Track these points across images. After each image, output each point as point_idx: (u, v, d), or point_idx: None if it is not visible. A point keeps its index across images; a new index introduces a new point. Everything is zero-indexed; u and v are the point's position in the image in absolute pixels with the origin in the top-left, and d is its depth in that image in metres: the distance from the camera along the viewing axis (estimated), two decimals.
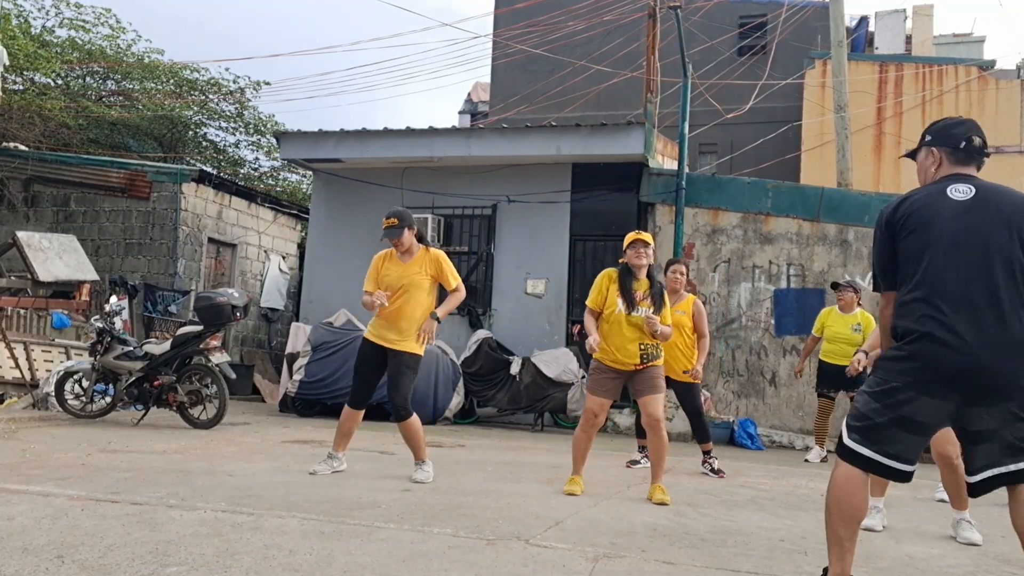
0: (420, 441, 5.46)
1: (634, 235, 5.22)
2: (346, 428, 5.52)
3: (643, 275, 5.18)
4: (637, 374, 5.12)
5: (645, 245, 5.15)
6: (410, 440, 5.45)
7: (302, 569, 3.09)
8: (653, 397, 5.09)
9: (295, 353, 10.49)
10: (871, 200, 10.35)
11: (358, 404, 5.50)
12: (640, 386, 5.13)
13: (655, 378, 5.13)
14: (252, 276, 15.11)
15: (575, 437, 5.33)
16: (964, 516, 4.31)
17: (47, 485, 4.54)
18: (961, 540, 4.21)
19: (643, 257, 5.14)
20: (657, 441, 5.10)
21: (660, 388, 5.14)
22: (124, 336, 8.53)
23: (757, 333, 10.27)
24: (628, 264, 5.18)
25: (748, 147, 17.01)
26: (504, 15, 20.48)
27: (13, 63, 16.01)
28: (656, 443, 5.11)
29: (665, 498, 4.96)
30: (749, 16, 19.57)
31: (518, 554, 3.46)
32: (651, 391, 5.10)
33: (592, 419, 5.22)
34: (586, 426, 5.25)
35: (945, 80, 17.28)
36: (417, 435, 5.43)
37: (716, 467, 6.64)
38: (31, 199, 14.11)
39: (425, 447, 5.50)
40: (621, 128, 10.79)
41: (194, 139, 22.00)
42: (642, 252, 5.14)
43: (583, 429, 5.26)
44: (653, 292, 5.14)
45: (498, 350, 10.44)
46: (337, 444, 5.55)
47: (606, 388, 5.18)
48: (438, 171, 11.57)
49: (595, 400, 5.20)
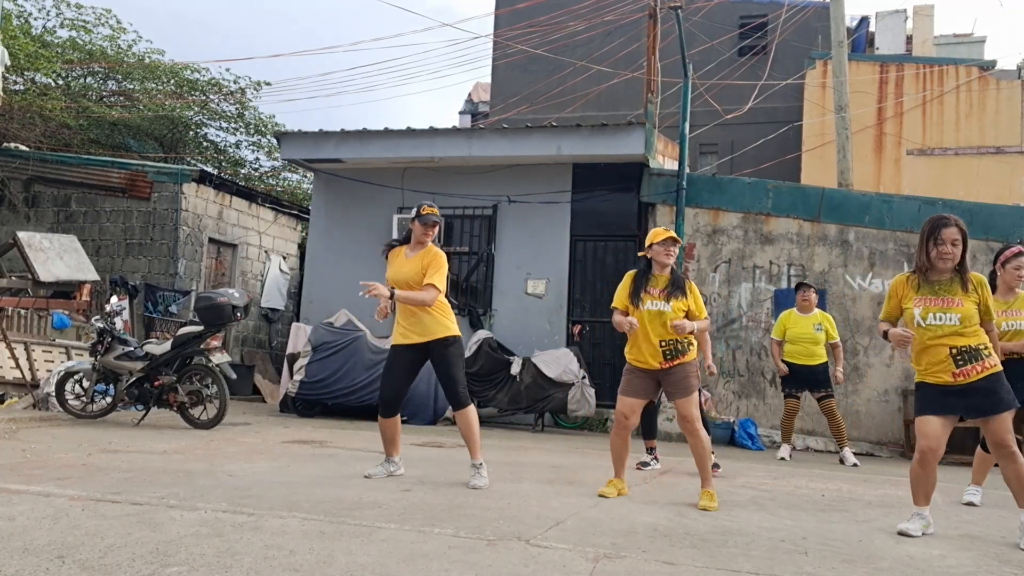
0: (476, 435, 5.27)
1: (665, 232, 5.16)
2: (389, 435, 5.41)
3: (665, 272, 5.15)
4: (666, 375, 5.04)
5: (675, 243, 5.13)
6: (467, 433, 5.27)
7: (303, 569, 3.09)
8: (686, 400, 5.00)
9: (295, 353, 10.49)
10: (872, 200, 10.36)
11: (390, 413, 5.35)
12: (671, 388, 5.06)
13: (686, 378, 5.03)
14: (253, 276, 15.11)
15: (611, 442, 5.26)
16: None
17: (48, 485, 4.54)
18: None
19: (671, 256, 5.11)
20: (694, 442, 5.01)
21: (691, 389, 5.03)
22: (125, 336, 8.53)
23: (758, 333, 10.26)
24: (652, 260, 5.14)
25: (749, 147, 17.02)
26: (504, 15, 20.48)
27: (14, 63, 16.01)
28: (694, 444, 5.02)
29: (711, 505, 4.83)
30: (749, 16, 19.56)
31: (519, 554, 3.46)
32: (682, 393, 5.01)
33: (623, 421, 5.13)
34: (618, 429, 5.17)
35: (946, 80, 17.28)
36: (473, 427, 5.26)
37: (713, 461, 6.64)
38: (32, 199, 14.12)
39: (480, 445, 5.32)
40: (622, 128, 10.79)
41: (195, 139, 22.00)
42: (672, 250, 5.12)
43: (616, 433, 5.19)
44: (673, 285, 5.09)
45: (498, 350, 10.44)
46: (388, 450, 5.46)
47: (635, 388, 5.11)
48: (439, 171, 11.57)
49: (624, 401, 5.13)
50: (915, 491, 4.36)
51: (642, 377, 5.10)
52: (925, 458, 4.21)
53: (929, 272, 4.29)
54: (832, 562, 3.64)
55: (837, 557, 3.75)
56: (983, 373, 4.14)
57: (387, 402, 5.34)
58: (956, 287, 4.24)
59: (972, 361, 4.14)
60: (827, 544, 4.02)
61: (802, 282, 8.79)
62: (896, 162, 17.40)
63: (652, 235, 5.19)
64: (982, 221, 9.63)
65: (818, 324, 8.28)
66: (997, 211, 10.01)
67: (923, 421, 4.22)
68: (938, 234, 4.22)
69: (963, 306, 4.18)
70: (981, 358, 4.15)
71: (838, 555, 3.79)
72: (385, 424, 5.39)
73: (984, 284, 4.28)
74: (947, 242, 4.20)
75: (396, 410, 5.37)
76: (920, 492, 4.33)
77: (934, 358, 4.20)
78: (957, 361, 4.15)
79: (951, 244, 4.19)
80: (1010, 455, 4.13)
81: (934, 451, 4.19)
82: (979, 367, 4.14)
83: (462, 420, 5.31)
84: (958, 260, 4.23)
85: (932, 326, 4.19)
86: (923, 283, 4.30)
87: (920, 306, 4.23)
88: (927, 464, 4.23)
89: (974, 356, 4.15)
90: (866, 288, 9.98)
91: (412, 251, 5.40)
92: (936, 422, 4.18)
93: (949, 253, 4.19)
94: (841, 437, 8.34)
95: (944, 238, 4.20)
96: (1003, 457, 4.17)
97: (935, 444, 4.19)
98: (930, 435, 4.18)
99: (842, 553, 3.83)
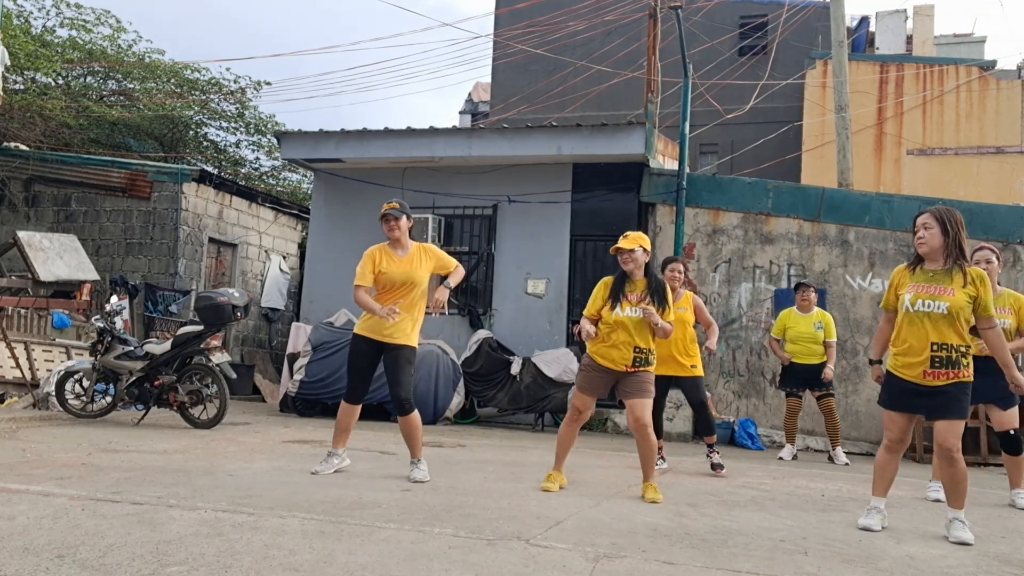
0: (419, 438, 5.46)
1: (622, 239, 5.24)
2: (344, 424, 5.52)
3: (637, 277, 5.19)
4: (627, 376, 5.13)
5: (628, 251, 5.19)
6: (410, 436, 5.44)
7: (302, 569, 3.09)
8: (642, 401, 5.09)
9: (296, 353, 10.49)
10: (872, 200, 10.36)
11: (356, 399, 5.50)
12: (629, 388, 5.13)
13: (644, 382, 5.13)
14: (253, 276, 15.11)
15: (560, 432, 5.38)
16: (959, 515, 4.31)
17: (48, 485, 4.55)
18: (953, 540, 4.20)
19: (628, 263, 5.19)
20: (644, 444, 5.13)
21: (649, 393, 5.14)
22: (125, 336, 8.53)
23: (758, 333, 10.26)
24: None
25: (749, 147, 17.01)
26: (505, 15, 20.47)
27: (14, 63, 16.02)
28: (643, 447, 5.14)
29: (657, 496, 5.01)
30: (750, 16, 19.56)
31: (518, 554, 3.46)
32: (640, 394, 5.10)
33: (577, 415, 5.29)
34: (570, 422, 5.32)
35: (946, 80, 17.27)
36: (417, 431, 5.43)
37: (716, 461, 6.66)
38: (32, 199, 14.12)
39: (421, 446, 5.51)
40: (622, 128, 10.78)
41: (195, 139, 22.00)
42: (626, 258, 5.19)
43: (567, 424, 5.33)
44: (651, 290, 5.14)
45: (499, 350, 10.44)
46: (336, 441, 5.55)
47: (594, 386, 5.22)
48: (439, 171, 11.57)
49: (582, 398, 5.26)
50: (878, 480, 4.55)
51: (603, 376, 5.19)
52: (892, 447, 4.47)
53: (922, 263, 4.39)
54: (832, 562, 3.65)
55: (837, 557, 3.75)
56: (952, 380, 4.22)
57: (355, 390, 5.49)
58: (952, 278, 4.28)
59: (947, 367, 4.21)
60: (827, 544, 4.02)
61: (801, 282, 8.80)
62: (896, 162, 17.40)
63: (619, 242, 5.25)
64: (982, 221, 9.63)
65: (818, 323, 8.29)
66: (997, 211, 10.01)
67: (889, 416, 4.45)
68: (915, 223, 4.41)
69: (954, 296, 4.22)
70: (958, 367, 4.21)
71: (838, 555, 3.79)
72: (350, 411, 5.49)
73: (985, 280, 4.30)
74: (920, 228, 4.34)
75: (362, 398, 5.53)
76: (882, 482, 4.54)
77: (913, 347, 4.26)
78: (934, 361, 4.21)
79: (923, 228, 4.32)
80: (952, 459, 4.25)
81: (901, 442, 4.46)
82: (951, 374, 4.22)
83: (405, 425, 5.42)
84: (936, 246, 4.30)
85: (919, 312, 4.26)
86: (919, 272, 4.38)
87: (911, 292, 4.31)
88: (893, 451, 4.48)
89: (950, 363, 4.21)
90: (866, 288, 9.98)
91: (399, 250, 5.49)
92: (902, 418, 4.41)
93: (922, 237, 4.31)
94: (835, 437, 8.34)
95: (917, 225, 4.37)
96: (946, 459, 4.27)
97: (901, 436, 4.45)
98: (895, 428, 4.43)
99: (842, 553, 3.84)
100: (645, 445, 5.12)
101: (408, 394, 5.36)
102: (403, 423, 5.42)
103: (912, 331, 4.28)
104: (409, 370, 5.41)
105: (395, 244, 5.50)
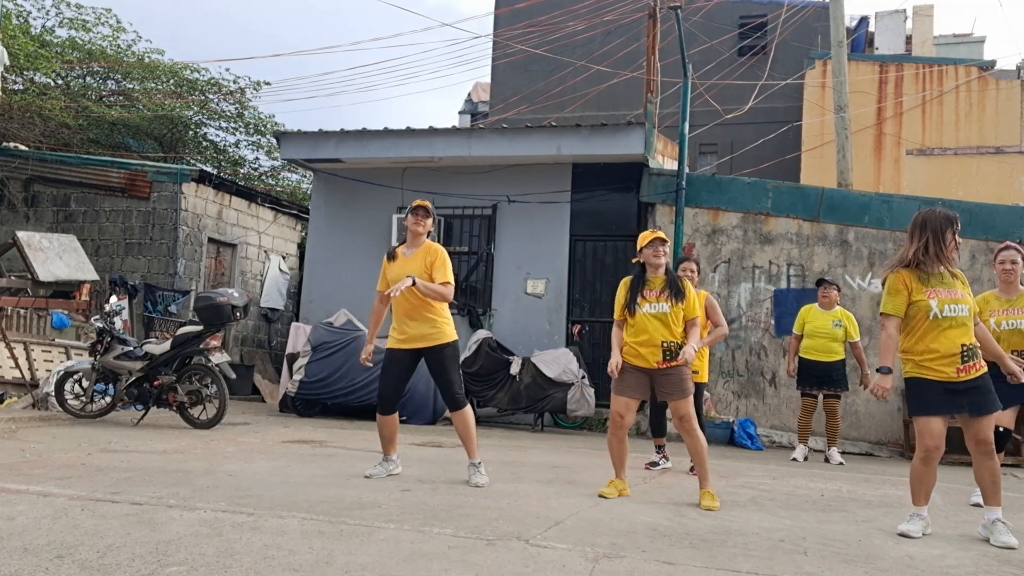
0: (473, 435, 5.36)
1: (651, 234, 5.16)
2: (387, 433, 5.46)
3: (659, 273, 5.15)
4: (662, 375, 5.03)
5: (663, 243, 5.13)
6: (464, 434, 5.35)
7: (302, 569, 3.09)
8: (683, 400, 4.99)
9: (295, 353, 10.49)
10: (871, 200, 10.36)
11: (388, 410, 5.41)
12: (667, 388, 5.03)
13: (682, 380, 5.01)
14: (252, 276, 15.10)
15: (608, 442, 5.23)
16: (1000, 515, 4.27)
17: (47, 485, 4.54)
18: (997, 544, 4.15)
19: (661, 256, 5.11)
20: (691, 442, 5.01)
21: (687, 391, 5.02)
22: (124, 336, 8.53)
23: (757, 333, 10.26)
24: (644, 263, 5.15)
25: (748, 147, 17.01)
26: (504, 15, 20.47)
27: (13, 63, 16.02)
28: (691, 444, 5.02)
29: (713, 504, 4.85)
30: (749, 16, 19.56)
31: (518, 554, 3.46)
32: (679, 394, 5.00)
33: (619, 420, 5.10)
34: (614, 428, 5.14)
35: (945, 80, 17.27)
36: (471, 427, 5.34)
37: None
38: (31, 199, 14.11)
39: (477, 445, 5.41)
40: (621, 128, 10.78)
41: (194, 139, 22.00)
42: (660, 251, 5.11)
43: (612, 432, 5.16)
44: (670, 286, 5.11)
45: (498, 350, 10.44)
46: (385, 449, 5.51)
47: (630, 386, 5.08)
48: (438, 171, 11.56)
49: (619, 400, 5.10)
50: (916, 491, 4.37)
51: (637, 376, 5.08)
52: (930, 456, 4.23)
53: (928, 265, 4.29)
54: (831, 562, 3.65)
55: (836, 557, 3.75)
56: (980, 371, 4.23)
57: (386, 399, 5.39)
58: (954, 280, 4.31)
59: (974, 358, 4.22)
60: (826, 544, 4.02)
61: (824, 278, 8.72)
62: (896, 162, 17.39)
63: (641, 239, 5.21)
64: (981, 221, 9.63)
65: (838, 320, 8.22)
66: (996, 211, 10.01)
67: (927, 421, 4.21)
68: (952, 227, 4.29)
69: (967, 298, 4.27)
70: (978, 356, 4.25)
71: (837, 555, 3.79)
72: (384, 421, 5.43)
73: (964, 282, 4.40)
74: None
75: (395, 408, 5.43)
76: (921, 492, 4.35)
77: (943, 350, 4.19)
78: (964, 357, 4.19)
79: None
80: (989, 452, 4.22)
81: (939, 449, 4.22)
82: (977, 365, 4.23)
83: (459, 421, 5.35)
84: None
85: (948, 318, 4.21)
86: (925, 276, 4.30)
87: (935, 298, 4.23)
88: (931, 462, 4.25)
89: (975, 354, 4.24)
90: (865, 288, 9.97)
91: (410, 249, 5.44)
92: (939, 422, 4.20)
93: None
94: (834, 437, 8.31)
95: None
96: (984, 454, 4.23)
97: (940, 443, 4.21)
98: (935, 434, 4.20)
99: (841, 553, 3.84)
100: (692, 441, 4.99)
101: (459, 389, 5.33)
102: (456, 419, 5.35)
103: (941, 336, 4.20)
104: (455, 367, 5.36)
105: (412, 241, 5.45)
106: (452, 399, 5.32)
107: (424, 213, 5.39)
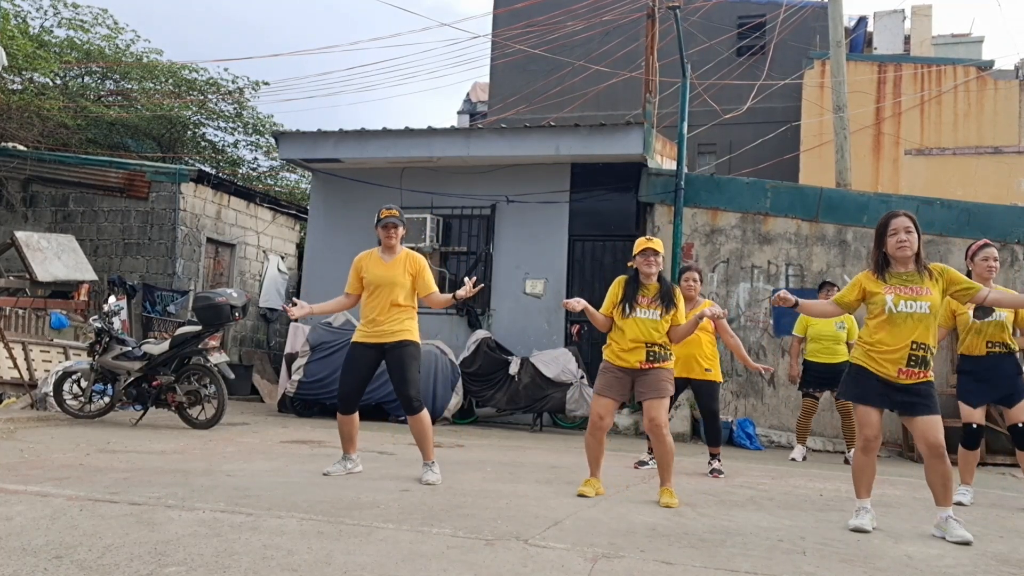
0: (430, 438, 5.41)
1: (646, 242, 5.16)
2: (347, 432, 5.49)
3: (652, 281, 5.16)
4: (643, 375, 5.06)
5: (655, 254, 5.12)
6: (420, 437, 5.39)
7: (301, 569, 3.09)
8: (657, 401, 5.00)
9: (294, 353, 10.48)
10: (870, 200, 10.36)
11: (350, 409, 5.45)
12: (644, 388, 5.05)
13: (661, 381, 5.04)
14: (251, 276, 15.10)
15: (585, 442, 5.26)
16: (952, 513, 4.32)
17: (45, 485, 4.54)
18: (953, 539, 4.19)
19: (652, 265, 5.12)
20: (660, 447, 5.03)
21: (665, 392, 5.04)
22: (123, 336, 8.52)
23: (756, 333, 10.27)
24: (637, 269, 5.17)
25: (747, 147, 17.01)
26: (503, 15, 20.47)
27: (12, 63, 15.99)
28: (660, 449, 5.04)
29: (672, 501, 4.91)
30: (748, 16, 19.56)
31: (517, 554, 3.46)
32: (655, 394, 5.01)
33: (598, 422, 5.10)
34: (593, 429, 5.14)
35: (944, 80, 17.28)
36: (427, 431, 5.38)
37: (716, 467, 6.63)
38: (30, 199, 14.10)
39: (433, 447, 5.47)
40: (620, 128, 10.78)
41: (193, 139, 21.98)
42: (652, 260, 5.12)
43: (591, 433, 5.17)
44: (662, 294, 5.11)
45: (497, 350, 10.44)
46: (345, 448, 5.53)
47: (611, 388, 5.10)
48: (437, 171, 11.56)
49: (600, 402, 5.11)
50: (859, 483, 4.53)
51: (619, 377, 5.11)
52: (870, 446, 4.44)
53: (890, 267, 4.42)
54: (830, 562, 3.65)
55: (835, 557, 3.75)
56: (923, 379, 4.32)
57: (347, 399, 5.43)
58: (923, 278, 4.37)
59: (921, 367, 4.30)
60: (825, 544, 4.02)
61: (826, 281, 8.77)
62: (894, 162, 17.40)
63: (636, 245, 5.22)
64: (980, 221, 9.63)
65: (840, 323, 8.23)
66: (995, 211, 10.02)
67: (865, 411, 4.41)
68: (888, 225, 4.42)
69: (931, 295, 4.33)
70: (927, 367, 4.32)
71: (836, 555, 3.79)
72: (344, 421, 5.47)
73: (946, 269, 4.44)
74: (901, 231, 4.36)
75: (356, 407, 5.48)
76: (863, 483, 4.51)
77: (891, 343, 4.30)
78: (910, 360, 4.27)
79: (905, 232, 4.35)
80: (941, 456, 4.26)
81: (877, 439, 4.44)
82: (923, 374, 4.31)
83: (415, 426, 5.38)
84: (915, 249, 4.38)
85: (903, 313, 4.31)
86: (891, 276, 4.41)
87: (892, 293, 4.35)
88: (870, 452, 4.45)
89: (924, 363, 4.31)
90: None
91: (387, 255, 5.53)
92: (875, 413, 4.40)
93: (905, 241, 4.35)
94: (852, 438, 8.32)
95: (896, 227, 4.38)
96: (935, 457, 4.27)
97: (877, 432, 4.43)
98: (873, 424, 4.40)
99: (840, 553, 3.84)
100: (661, 447, 5.02)
101: (417, 392, 5.33)
102: (412, 423, 5.37)
103: (893, 331, 4.31)
104: (415, 366, 5.37)
105: (387, 250, 5.54)
106: (408, 402, 5.34)
107: (393, 226, 5.48)
